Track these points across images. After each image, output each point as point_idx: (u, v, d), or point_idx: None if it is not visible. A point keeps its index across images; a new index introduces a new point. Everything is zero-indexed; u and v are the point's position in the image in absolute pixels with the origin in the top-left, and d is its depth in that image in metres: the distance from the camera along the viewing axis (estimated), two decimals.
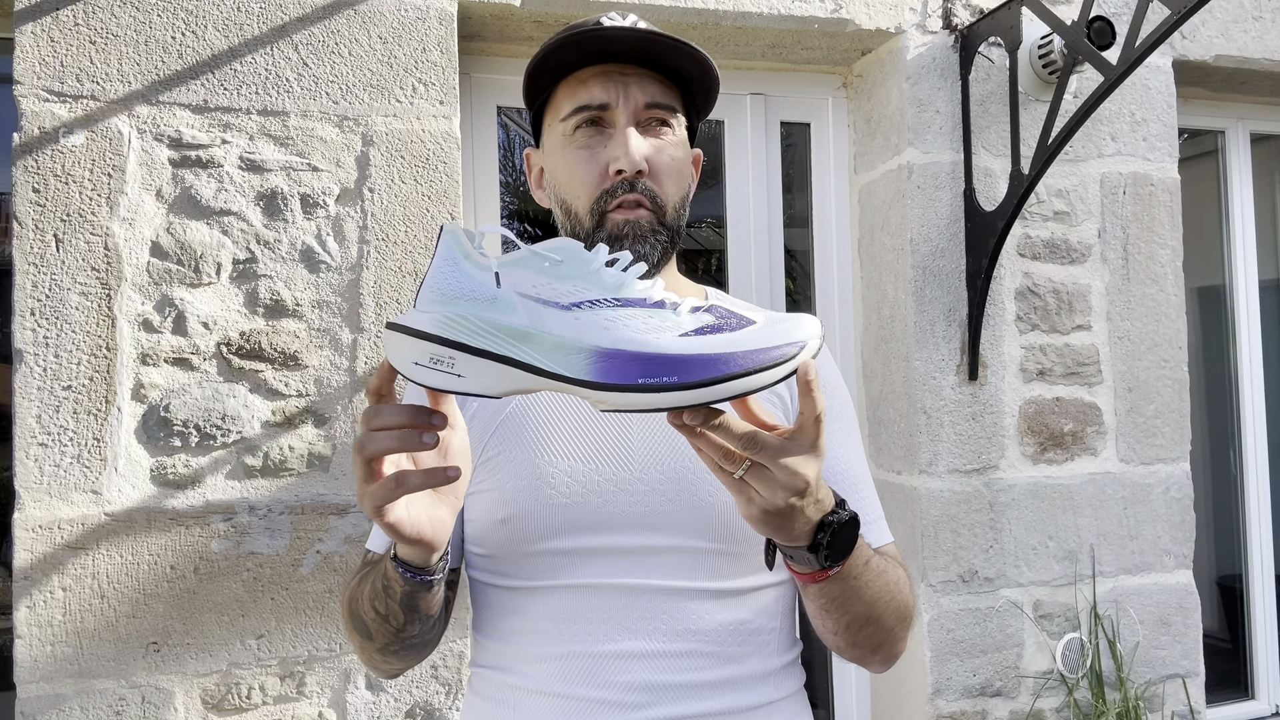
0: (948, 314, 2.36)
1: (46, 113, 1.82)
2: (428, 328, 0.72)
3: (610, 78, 0.98)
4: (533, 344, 0.71)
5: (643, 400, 0.69)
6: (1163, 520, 2.51)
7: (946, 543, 2.33)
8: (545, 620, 0.97)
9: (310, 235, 1.95)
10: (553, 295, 0.72)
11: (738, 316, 0.73)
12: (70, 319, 1.82)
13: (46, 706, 1.78)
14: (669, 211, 1.00)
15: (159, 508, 1.85)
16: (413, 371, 0.73)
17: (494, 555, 0.99)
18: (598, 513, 0.96)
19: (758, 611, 0.99)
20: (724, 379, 0.69)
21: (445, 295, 0.73)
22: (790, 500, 0.75)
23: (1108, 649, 2.43)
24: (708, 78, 1.01)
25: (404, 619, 0.92)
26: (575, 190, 0.99)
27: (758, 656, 0.98)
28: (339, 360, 1.94)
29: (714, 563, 0.97)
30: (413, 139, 1.99)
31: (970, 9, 2.40)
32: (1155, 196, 2.54)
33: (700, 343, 0.70)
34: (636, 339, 0.70)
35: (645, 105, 0.99)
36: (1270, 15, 2.63)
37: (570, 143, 1.00)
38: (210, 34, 1.91)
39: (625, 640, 0.94)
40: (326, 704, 1.92)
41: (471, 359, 0.71)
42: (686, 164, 1.03)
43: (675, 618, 0.95)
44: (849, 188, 2.60)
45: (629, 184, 0.97)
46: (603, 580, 0.95)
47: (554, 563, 0.96)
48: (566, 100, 1.00)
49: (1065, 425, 2.44)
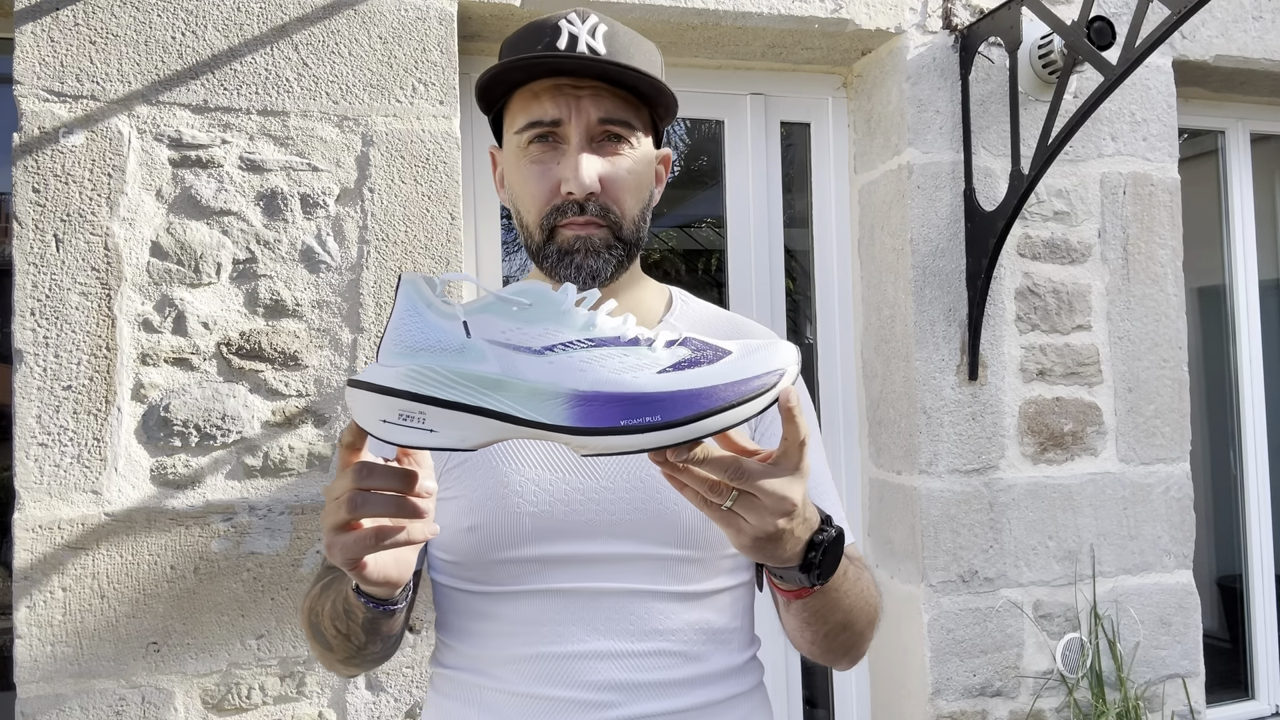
0: (948, 314, 2.36)
1: (46, 113, 1.82)
2: (394, 383, 0.69)
3: (563, 93, 0.97)
4: (507, 392, 0.69)
5: (626, 442, 0.68)
6: (1163, 520, 2.51)
7: (946, 543, 2.33)
8: (514, 623, 0.97)
9: (310, 235, 1.95)
10: (524, 340, 0.70)
11: (713, 348, 0.72)
12: (70, 319, 1.82)
13: (46, 706, 1.78)
14: (625, 226, 0.99)
15: (159, 508, 1.85)
16: (381, 430, 0.70)
17: (460, 562, 1.00)
18: (564, 521, 0.96)
19: (720, 611, 1.01)
20: (707, 414, 0.68)
21: (410, 347, 0.70)
22: (779, 524, 0.75)
23: (1108, 649, 2.43)
24: (660, 95, 1.00)
25: (365, 639, 0.93)
26: (527, 204, 0.99)
27: (721, 654, 1.00)
28: (339, 360, 1.94)
29: (679, 568, 0.98)
30: (413, 139, 1.99)
31: (970, 9, 2.40)
32: (1155, 196, 2.54)
33: (679, 379, 0.69)
34: (615, 379, 0.69)
35: (599, 121, 0.97)
36: (1270, 15, 2.63)
37: (524, 155, 0.99)
38: (210, 34, 1.91)
39: (594, 641, 0.96)
40: (326, 704, 1.92)
41: (444, 412, 0.69)
42: (646, 175, 1.02)
43: (642, 618, 0.97)
44: (849, 188, 2.60)
45: (578, 205, 0.96)
46: (570, 585, 0.96)
47: (521, 569, 0.97)
48: (520, 112, 0.99)
49: (1065, 425, 2.44)
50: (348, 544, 0.75)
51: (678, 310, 1.11)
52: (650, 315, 1.08)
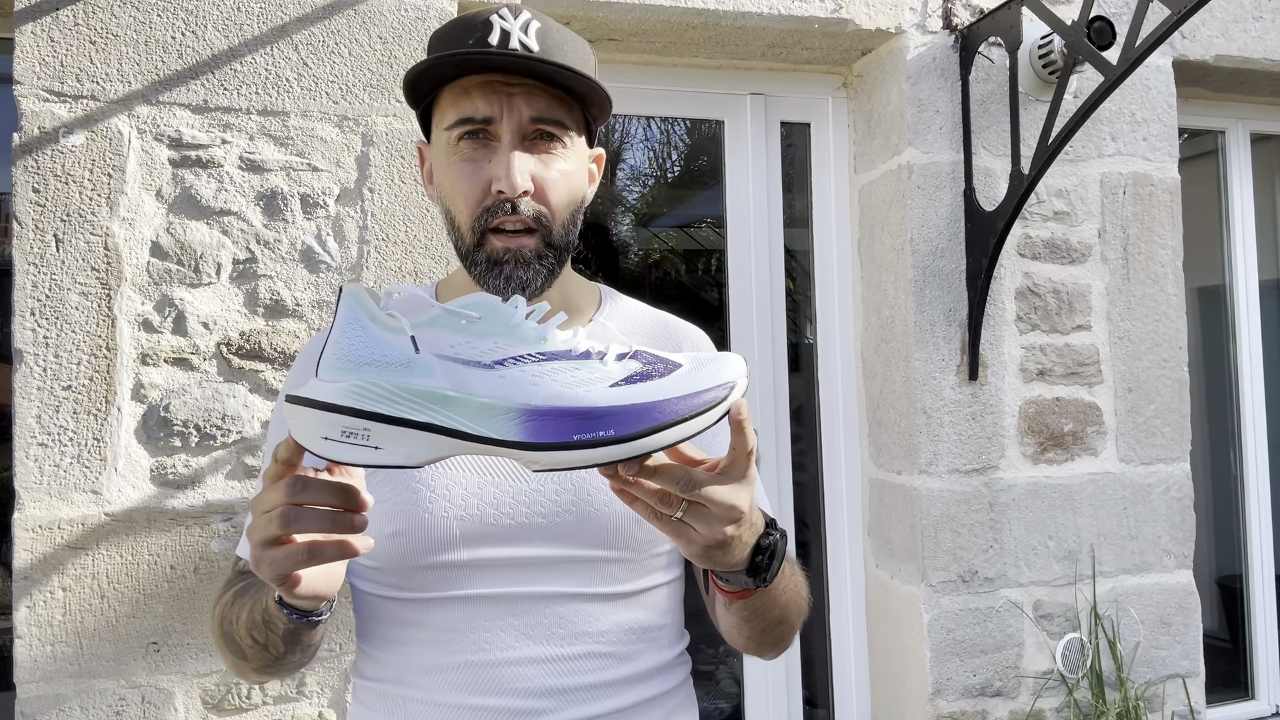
0: (948, 314, 2.36)
1: (46, 113, 1.82)
2: (336, 399, 0.67)
3: (494, 90, 0.94)
4: (456, 408, 0.67)
5: (579, 457, 0.67)
6: (1163, 520, 2.51)
7: (946, 543, 2.33)
8: (438, 630, 0.95)
9: (310, 235, 1.95)
10: (473, 354, 0.69)
11: (663, 361, 0.72)
12: (70, 319, 1.82)
13: (46, 706, 1.78)
14: (555, 230, 0.97)
15: (159, 508, 1.85)
16: (322, 447, 0.67)
17: (383, 568, 0.97)
18: (492, 525, 0.94)
19: (650, 609, 1.01)
20: (659, 428, 0.68)
21: (353, 361, 0.68)
22: (728, 531, 0.75)
23: (1108, 649, 2.43)
24: (594, 94, 0.97)
25: (284, 650, 0.90)
26: (458, 204, 0.96)
27: (651, 652, 1.00)
28: None
29: (609, 569, 0.97)
30: (413, 139, 1.99)
31: (970, 9, 2.40)
32: (1155, 196, 2.54)
33: (631, 392, 0.68)
34: (566, 394, 0.68)
35: (531, 119, 0.94)
36: (1270, 15, 2.63)
37: (454, 153, 0.96)
38: (210, 34, 1.91)
39: (523, 646, 0.94)
40: (326, 704, 1.92)
41: (389, 429, 0.67)
42: (578, 176, 1.00)
43: (572, 621, 0.95)
44: (849, 188, 2.60)
45: (510, 205, 0.93)
46: (498, 590, 0.94)
47: (447, 575, 0.94)
48: (450, 108, 0.96)
49: (1065, 425, 2.44)
50: (278, 559, 0.72)
51: (607, 309, 1.09)
52: (579, 314, 1.07)
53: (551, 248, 0.97)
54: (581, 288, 1.10)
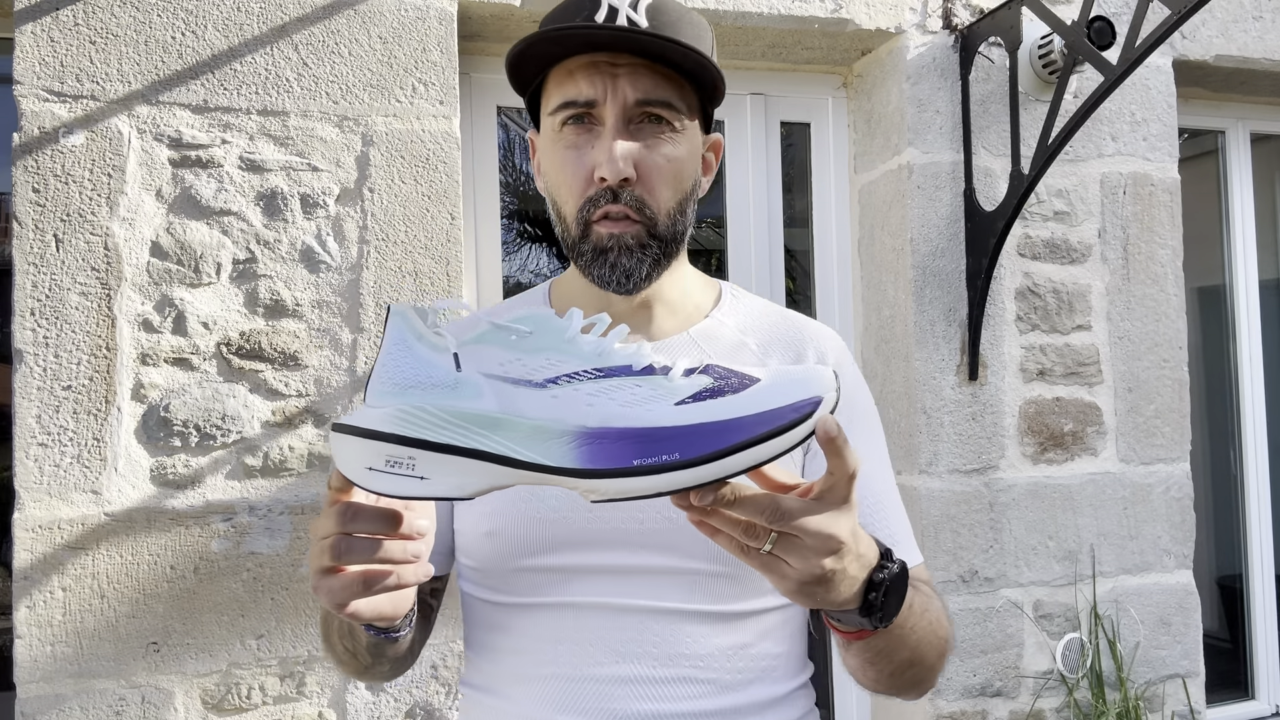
0: (948, 314, 2.36)
1: (46, 113, 1.82)
2: (380, 425, 0.62)
3: (599, 70, 0.89)
4: (506, 431, 0.61)
5: (640, 485, 0.60)
6: (1163, 520, 2.51)
7: (946, 543, 2.33)
8: (531, 639, 0.91)
9: (310, 235, 1.95)
10: (524, 372, 0.63)
11: (739, 375, 0.64)
12: (70, 319, 1.82)
13: (46, 706, 1.78)
14: (660, 220, 0.91)
15: (159, 508, 1.85)
16: (366, 479, 0.63)
17: (481, 568, 0.95)
18: (587, 529, 0.89)
19: (761, 635, 0.92)
20: (733, 450, 0.60)
21: (398, 385, 0.63)
22: (826, 564, 0.66)
23: (1108, 649, 2.43)
24: (706, 72, 0.91)
25: (371, 660, 0.90)
26: (562, 194, 0.93)
27: (762, 683, 0.91)
28: (339, 360, 1.94)
29: (713, 585, 0.90)
30: (413, 139, 1.99)
31: (970, 9, 2.40)
32: (1155, 196, 2.54)
33: (701, 410, 0.61)
34: (626, 413, 0.61)
35: (636, 102, 0.89)
36: (1270, 15, 2.63)
37: (559, 140, 0.92)
38: (210, 34, 1.91)
39: (613, 664, 0.88)
40: (326, 704, 1.92)
41: (435, 456, 0.62)
42: (688, 163, 0.94)
43: (668, 641, 0.88)
44: (849, 188, 2.60)
45: (612, 193, 0.89)
46: (591, 599, 0.89)
47: (540, 579, 0.91)
48: (555, 92, 0.92)
49: (1065, 425, 2.44)
50: (334, 590, 0.70)
51: (727, 306, 1.03)
52: (695, 312, 1.01)
53: (655, 239, 0.91)
54: (698, 283, 1.04)
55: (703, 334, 0.99)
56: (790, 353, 1.00)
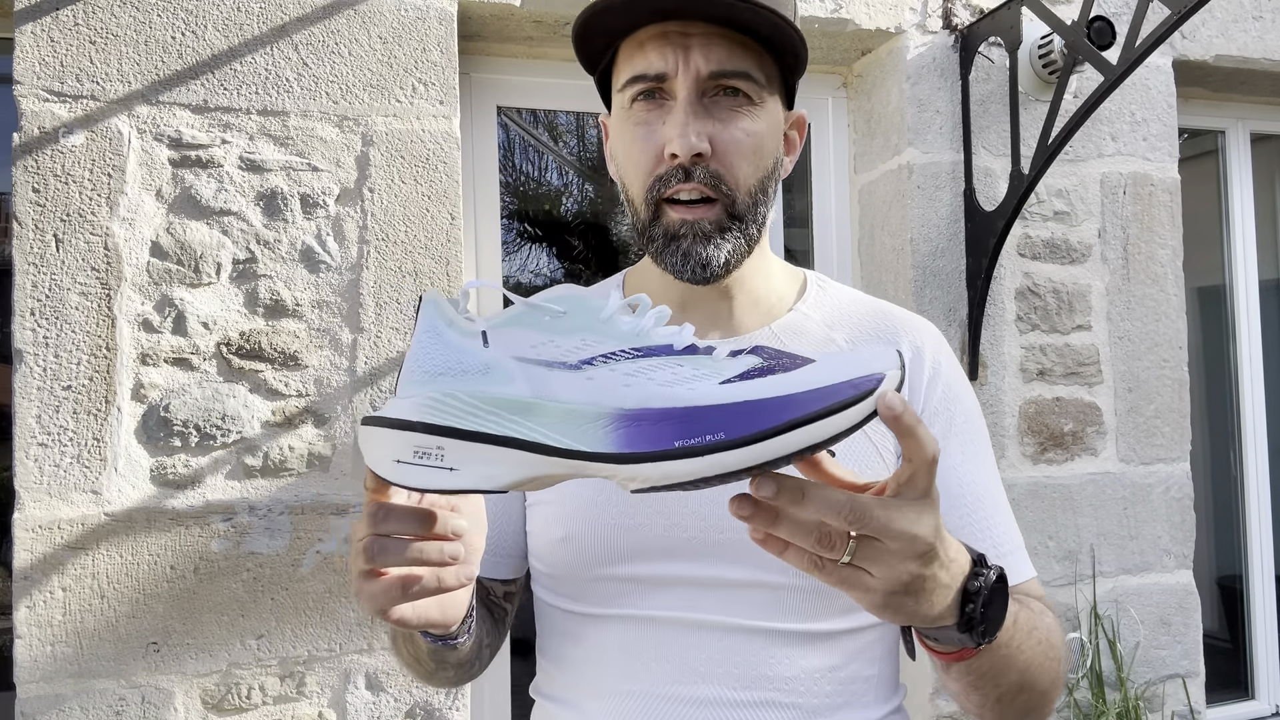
0: (948, 314, 2.36)
1: (46, 113, 1.82)
2: (407, 414, 0.59)
3: (669, 41, 0.82)
4: (539, 417, 0.57)
5: (683, 469, 0.54)
6: (1163, 520, 2.51)
7: None
8: (607, 651, 0.86)
9: (310, 235, 1.95)
10: (557, 354, 0.59)
11: (789, 356, 0.58)
12: (70, 319, 1.82)
13: (46, 706, 1.78)
14: (740, 199, 0.84)
15: (159, 508, 1.85)
16: (394, 472, 0.59)
17: (556, 575, 0.90)
18: (664, 537, 0.84)
19: (852, 656, 0.86)
20: (784, 429, 0.53)
21: (428, 373, 0.60)
22: (914, 569, 0.59)
23: (1108, 649, 2.43)
24: (786, 37, 0.83)
25: (434, 667, 0.85)
26: (631, 174, 0.86)
27: (852, 708, 0.85)
28: (339, 360, 1.94)
29: (799, 600, 0.83)
30: (413, 139, 1.99)
31: (970, 9, 2.40)
32: (1155, 196, 2.54)
33: (749, 388, 0.55)
34: (666, 393, 0.56)
35: (709, 74, 0.82)
36: (1270, 15, 2.63)
37: (629, 117, 0.86)
38: (210, 34, 1.91)
39: (693, 684, 0.82)
40: (326, 704, 1.92)
41: (464, 445, 0.58)
42: (768, 139, 0.86)
43: (750, 662, 0.83)
44: (849, 188, 2.60)
45: (684, 171, 0.82)
46: (669, 614, 0.84)
47: (616, 590, 0.85)
48: (625, 66, 0.86)
49: (1065, 425, 2.44)
50: (375, 595, 0.66)
51: (813, 297, 0.95)
52: (779, 304, 0.94)
53: (736, 219, 0.84)
54: (782, 273, 0.96)
55: (786, 328, 0.92)
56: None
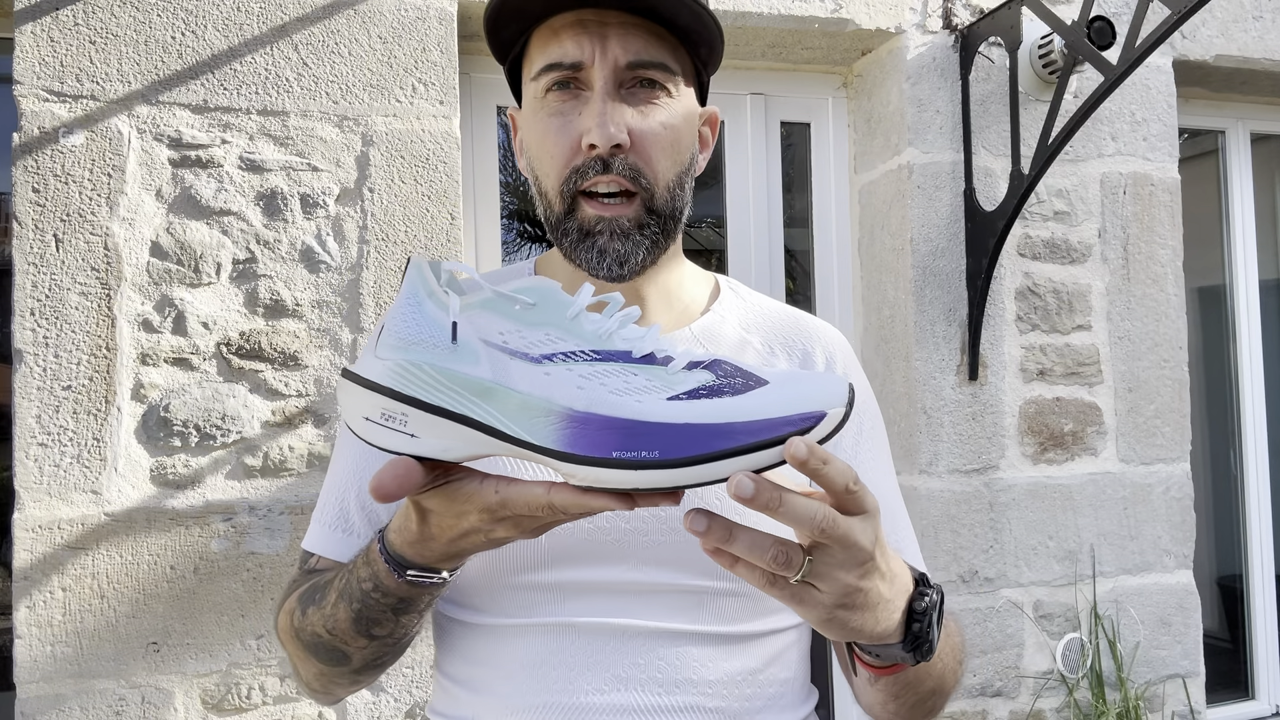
0: (948, 314, 2.36)
1: (46, 113, 1.82)
2: (379, 378, 0.62)
3: (586, 29, 0.80)
4: (495, 402, 0.60)
5: (614, 478, 0.57)
6: (1163, 520, 2.51)
7: (946, 543, 2.33)
8: (521, 665, 0.82)
9: (310, 235, 1.95)
10: (521, 345, 0.61)
11: (744, 375, 0.60)
12: (70, 319, 1.82)
13: (46, 706, 1.78)
14: (658, 193, 0.83)
15: (159, 508, 1.85)
16: (363, 428, 0.63)
17: (463, 585, 0.85)
18: (588, 542, 0.82)
19: (770, 659, 0.86)
20: (713, 457, 0.56)
21: (403, 340, 0.62)
22: (856, 580, 0.60)
23: (1108, 649, 2.43)
24: (704, 28, 0.82)
25: (392, 627, 0.78)
26: (545, 166, 0.83)
27: (770, 710, 0.85)
28: (339, 360, 1.94)
29: (721, 604, 0.83)
30: (413, 139, 1.99)
31: (970, 9, 2.40)
32: (1155, 196, 2.54)
33: (692, 409, 0.57)
34: (615, 401, 0.58)
35: (627, 64, 0.80)
36: (1270, 15, 2.63)
37: (542, 108, 0.83)
38: (210, 34, 1.91)
39: (615, 692, 0.80)
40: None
41: (426, 417, 0.61)
42: (685, 132, 0.85)
43: (672, 665, 0.81)
44: (849, 188, 2.60)
45: (602, 162, 0.80)
46: (589, 619, 0.82)
47: (535, 598, 0.83)
48: (538, 54, 0.83)
49: (1065, 425, 2.44)
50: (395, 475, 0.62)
51: (727, 301, 0.95)
52: (692, 305, 0.93)
53: (654, 215, 0.83)
54: (694, 275, 0.95)
55: (705, 331, 0.91)
56: (796, 353, 0.93)
